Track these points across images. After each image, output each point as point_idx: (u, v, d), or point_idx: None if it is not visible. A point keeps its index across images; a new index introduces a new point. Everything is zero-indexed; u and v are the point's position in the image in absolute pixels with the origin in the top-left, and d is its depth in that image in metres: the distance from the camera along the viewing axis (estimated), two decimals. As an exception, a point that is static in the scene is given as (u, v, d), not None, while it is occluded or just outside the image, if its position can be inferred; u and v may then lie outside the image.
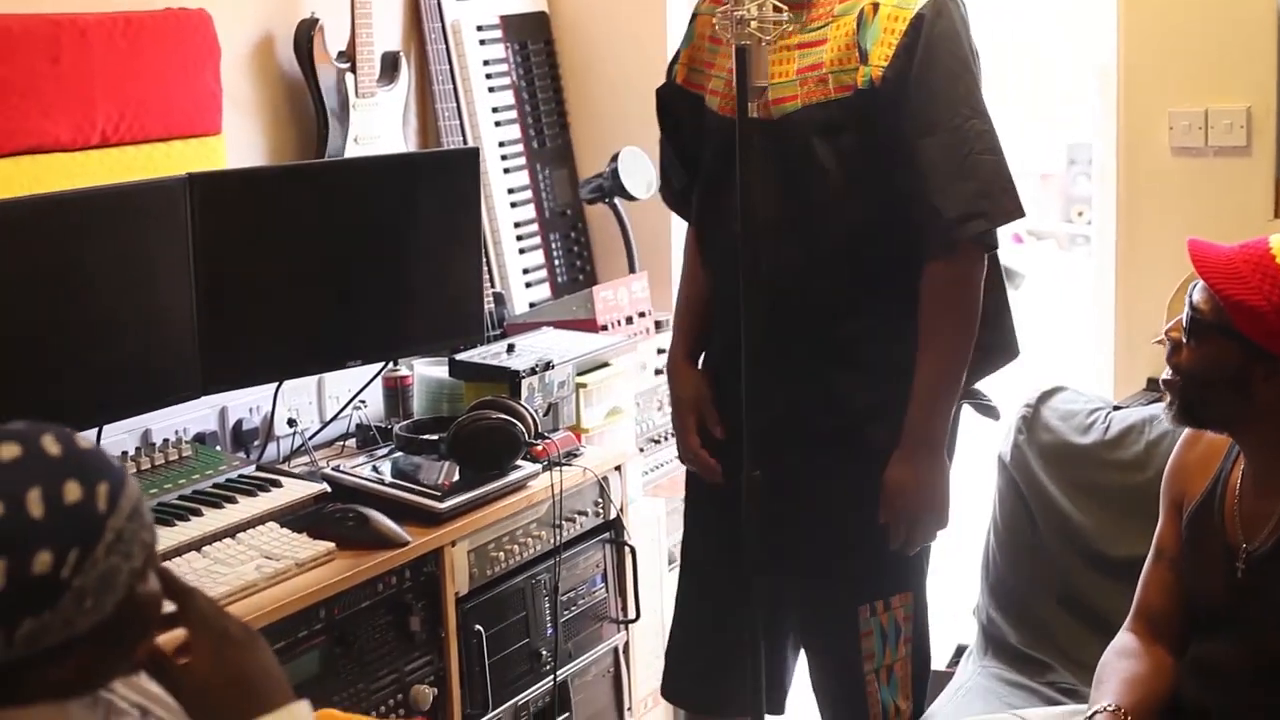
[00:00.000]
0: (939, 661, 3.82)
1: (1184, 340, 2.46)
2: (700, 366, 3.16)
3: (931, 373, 2.85)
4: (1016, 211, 2.84)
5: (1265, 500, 2.48)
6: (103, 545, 1.55)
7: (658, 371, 4.07)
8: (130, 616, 1.62)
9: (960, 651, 3.72)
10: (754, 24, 2.66)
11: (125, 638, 1.64)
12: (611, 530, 3.64)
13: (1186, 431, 2.70)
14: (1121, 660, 2.65)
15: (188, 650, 1.71)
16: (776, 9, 2.70)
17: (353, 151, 3.80)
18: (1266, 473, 2.49)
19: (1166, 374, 2.51)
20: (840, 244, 2.86)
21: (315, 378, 3.63)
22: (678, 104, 3.11)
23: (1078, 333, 5.59)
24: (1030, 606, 3.45)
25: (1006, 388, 3.05)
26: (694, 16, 3.11)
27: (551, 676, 3.44)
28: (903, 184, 2.80)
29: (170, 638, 1.73)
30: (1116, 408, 3.52)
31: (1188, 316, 2.44)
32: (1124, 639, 2.70)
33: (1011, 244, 8.44)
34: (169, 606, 1.71)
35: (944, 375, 2.87)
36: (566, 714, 3.51)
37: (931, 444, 2.87)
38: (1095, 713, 2.54)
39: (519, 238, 4.45)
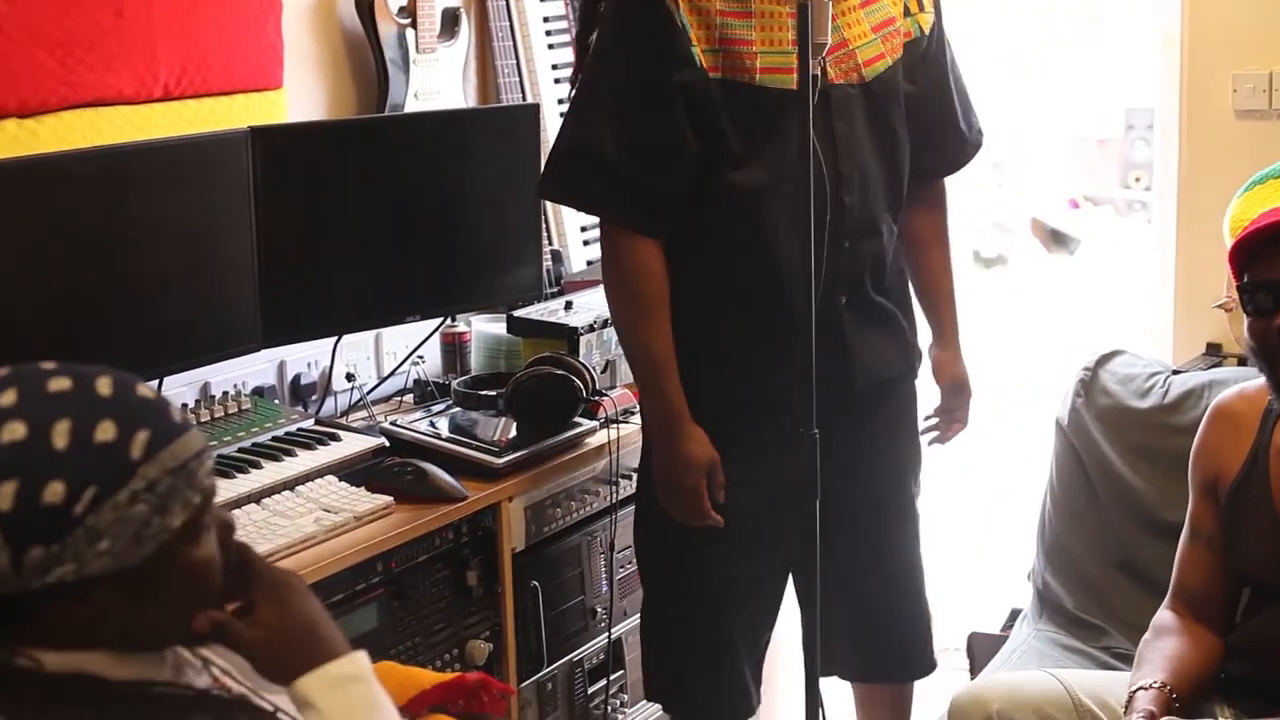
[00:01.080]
0: (993, 625, 3.83)
1: None
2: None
3: (951, 272, 3.25)
4: None
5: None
6: (126, 490, 1.54)
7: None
8: (169, 574, 1.60)
9: (1015, 615, 3.71)
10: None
11: (163, 594, 1.61)
12: (667, 488, 3.63)
13: (1210, 410, 2.72)
14: (1162, 639, 2.64)
15: (241, 611, 1.71)
16: None
17: (413, 107, 3.80)
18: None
19: None
20: (902, 193, 3.03)
21: (373, 333, 3.65)
22: (713, 93, 2.81)
23: (1135, 298, 5.56)
24: (1086, 570, 3.44)
25: (1065, 352, 3.07)
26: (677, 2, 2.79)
27: (606, 633, 3.46)
28: (931, 117, 3.06)
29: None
30: (1176, 372, 3.49)
31: None
32: (1164, 617, 2.69)
33: (1068, 209, 8.38)
34: None
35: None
36: (620, 671, 3.52)
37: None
38: (1139, 689, 2.52)
39: (577, 196, 4.43)
